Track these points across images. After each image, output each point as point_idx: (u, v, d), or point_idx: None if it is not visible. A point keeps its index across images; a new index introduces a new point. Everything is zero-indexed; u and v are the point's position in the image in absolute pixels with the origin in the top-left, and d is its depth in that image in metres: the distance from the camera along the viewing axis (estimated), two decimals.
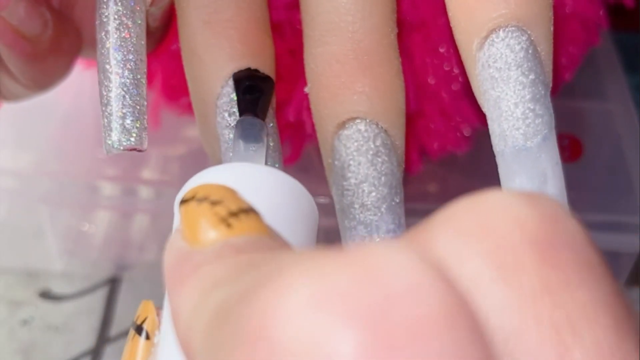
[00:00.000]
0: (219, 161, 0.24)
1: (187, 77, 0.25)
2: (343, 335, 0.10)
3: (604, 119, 0.39)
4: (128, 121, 0.22)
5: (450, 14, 0.22)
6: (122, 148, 0.22)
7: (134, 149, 0.22)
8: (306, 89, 0.24)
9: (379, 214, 0.22)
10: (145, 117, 0.22)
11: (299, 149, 0.31)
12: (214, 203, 0.16)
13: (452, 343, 0.10)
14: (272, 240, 0.16)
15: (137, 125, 0.22)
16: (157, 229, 0.38)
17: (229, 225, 0.15)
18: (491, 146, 0.22)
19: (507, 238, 0.13)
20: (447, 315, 0.11)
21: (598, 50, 0.41)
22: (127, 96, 0.22)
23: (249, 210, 0.16)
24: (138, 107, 0.22)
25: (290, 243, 0.16)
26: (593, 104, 0.40)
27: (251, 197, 0.16)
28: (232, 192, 0.16)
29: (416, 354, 0.10)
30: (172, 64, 0.31)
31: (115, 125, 0.22)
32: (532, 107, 0.21)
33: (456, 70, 0.30)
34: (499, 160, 0.21)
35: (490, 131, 0.21)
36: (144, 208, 0.36)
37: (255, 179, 0.20)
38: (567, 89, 0.36)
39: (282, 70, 0.25)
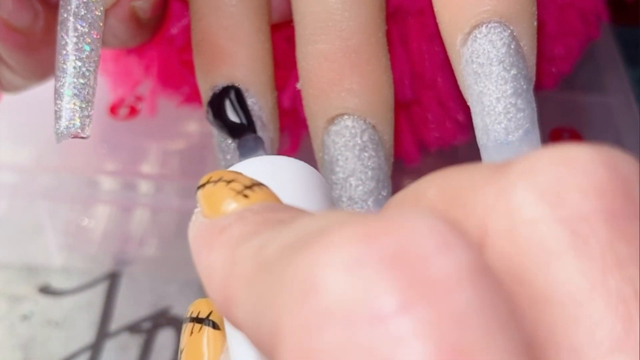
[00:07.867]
0: None
1: None
2: (386, 291, 0.11)
3: (604, 112, 0.39)
4: (76, 108, 0.23)
5: (435, 10, 0.22)
6: (66, 134, 0.23)
7: (77, 136, 0.23)
8: (298, 85, 0.24)
9: (366, 207, 0.23)
10: (92, 105, 0.23)
11: (298, 138, 0.31)
12: (229, 181, 0.17)
13: (476, 296, 0.12)
14: (286, 206, 0.17)
15: (82, 113, 0.23)
16: (157, 224, 0.38)
17: (245, 196, 0.17)
18: None
19: (583, 207, 0.13)
20: (471, 271, 0.12)
21: (598, 43, 0.40)
22: (76, 84, 0.23)
23: (260, 184, 0.17)
24: (84, 95, 0.23)
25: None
26: (593, 98, 0.40)
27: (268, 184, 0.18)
28: (241, 173, 0.18)
29: (445, 304, 0.11)
30: (169, 52, 0.31)
31: (64, 113, 0.23)
32: (513, 102, 0.21)
33: None
34: (483, 153, 0.22)
35: (474, 125, 0.22)
36: (144, 202, 0.36)
37: (265, 167, 0.21)
38: (567, 83, 0.36)
39: (277, 57, 0.25)
